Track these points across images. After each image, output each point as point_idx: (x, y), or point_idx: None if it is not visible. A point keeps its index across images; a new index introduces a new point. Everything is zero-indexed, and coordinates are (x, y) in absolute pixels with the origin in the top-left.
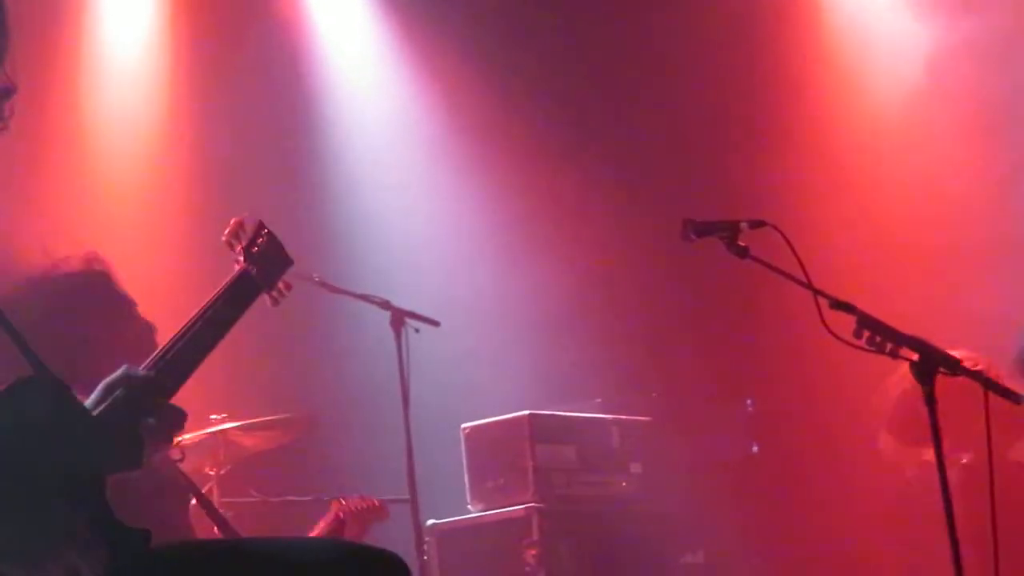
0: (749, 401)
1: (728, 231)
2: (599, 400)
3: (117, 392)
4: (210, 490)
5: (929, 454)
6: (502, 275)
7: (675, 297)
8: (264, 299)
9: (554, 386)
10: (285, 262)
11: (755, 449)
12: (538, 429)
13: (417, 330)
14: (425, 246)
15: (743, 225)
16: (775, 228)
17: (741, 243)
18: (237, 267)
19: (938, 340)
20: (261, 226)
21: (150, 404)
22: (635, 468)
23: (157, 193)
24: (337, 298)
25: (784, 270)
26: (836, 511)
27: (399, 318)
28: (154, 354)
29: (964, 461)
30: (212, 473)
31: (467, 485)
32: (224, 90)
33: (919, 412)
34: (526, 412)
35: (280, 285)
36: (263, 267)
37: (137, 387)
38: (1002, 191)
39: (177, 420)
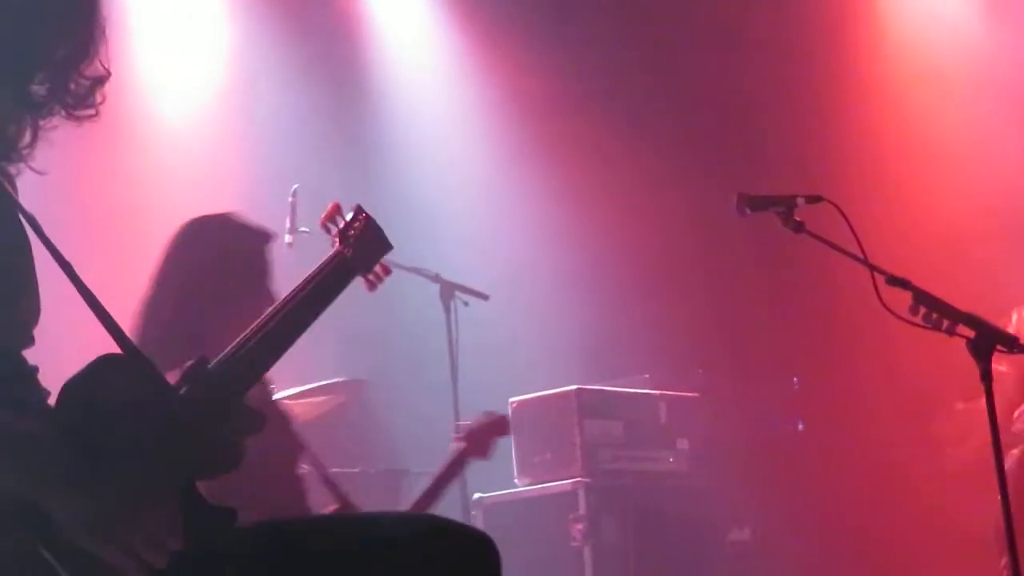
0: (795, 379)
1: (784, 206)
2: (647, 376)
3: (196, 385)
4: None
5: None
6: (552, 249)
7: (725, 273)
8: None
9: (602, 361)
10: (384, 246)
11: (801, 427)
12: (585, 404)
13: (467, 303)
14: (476, 219)
15: (799, 200)
16: (832, 203)
17: (797, 218)
18: (332, 249)
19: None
20: (359, 210)
21: (232, 400)
22: (682, 444)
23: (206, 172)
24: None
25: (840, 246)
26: (881, 491)
27: (449, 291)
28: (242, 336)
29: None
30: None
31: (514, 459)
32: (280, 64)
33: None
34: (574, 387)
35: (378, 269)
36: (359, 250)
37: (223, 386)
38: None
39: (255, 425)
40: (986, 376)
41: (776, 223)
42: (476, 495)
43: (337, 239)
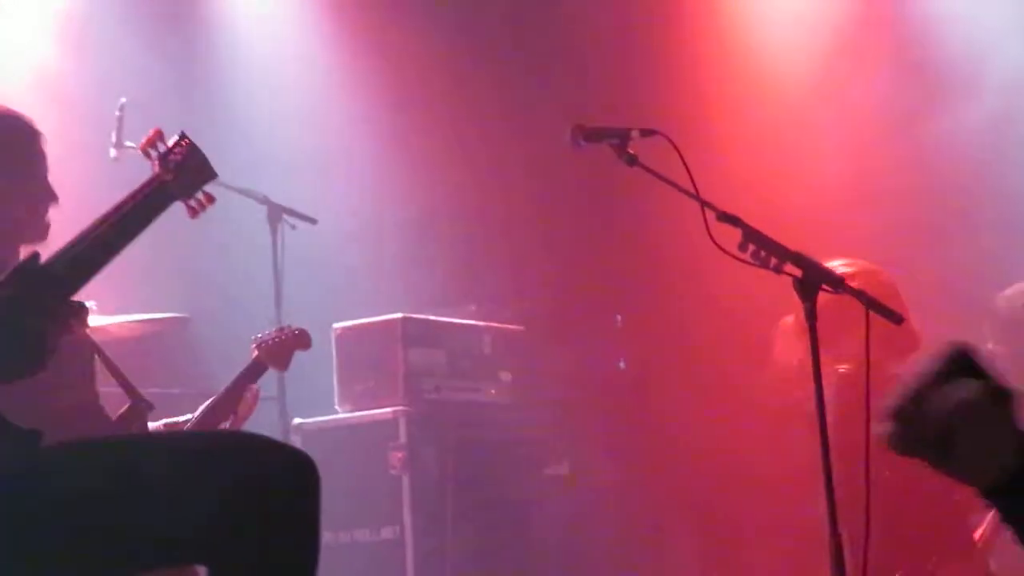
0: (619, 317)
1: (619, 138)
2: (473, 307)
3: (16, 282)
4: None
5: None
6: (381, 176)
7: (554, 208)
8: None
9: (429, 291)
10: (207, 173)
11: (622, 365)
12: (410, 333)
13: (294, 227)
14: (305, 144)
15: (634, 133)
16: (665, 137)
17: (631, 151)
18: (151, 174)
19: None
20: (182, 136)
21: (50, 302)
22: (505, 376)
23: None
24: (214, 190)
25: (673, 180)
26: (702, 431)
27: (276, 214)
28: (57, 250)
29: (842, 370)
30: None
31: (336, 386)
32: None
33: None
34: (399, 315)
35: (201, 196)
36: (179, 176)
37: (41, 282)
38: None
39: (78, 314)
40: (811, 315)
41: (608, 155)
42: (296, 420)
43: (157, 164)
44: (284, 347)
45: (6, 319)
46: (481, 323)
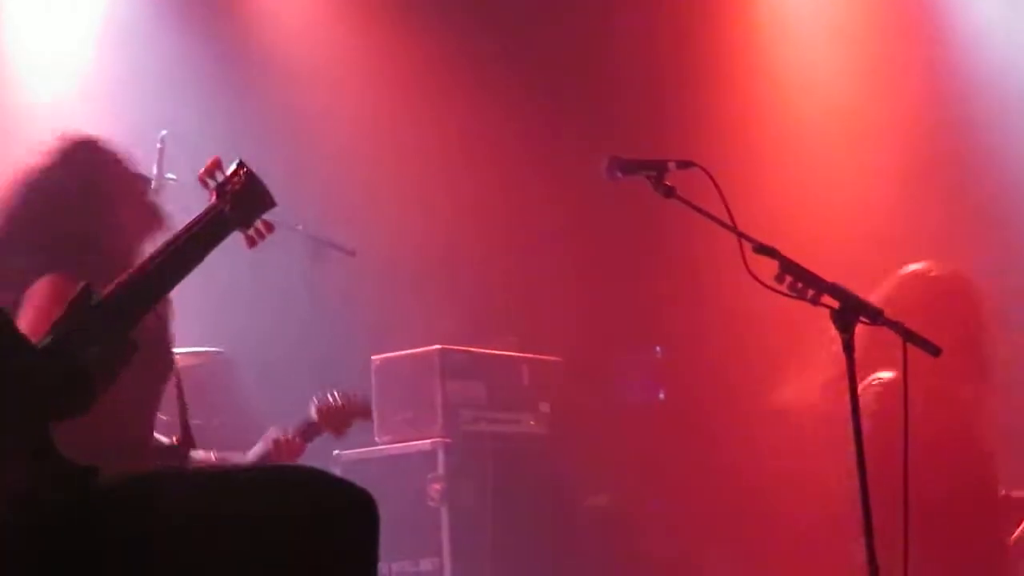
0: (658, 348)
1: (655, 170)
2: (512, 338)
3: (73, 316)
4: None
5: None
6: (420, 207)
7: (593, 239)
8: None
9: (467, 323)
10: (266, 202)
11: (662, 396)
12: (448, 364)
13: (332, 259)
14: (344, 176)
15: (670, 164)
16: (702, 169)
17: (667, 183)
18: (209, 203)
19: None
20: (241, 165)
21: (108, 338)
22: (544, 408)
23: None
24: None
25: (709, 212)
26: (740, 460)
27: (315, 246)
28: (115, 283)
29: (882, 380)
30: None
31: (375, 417)
32: (155, 8)
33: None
34: (437, 347)
35: (259, 225)
36: (237, 206)
37: (99, 317)
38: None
39: (126, 354)
40: (848, 347)
41: (646, 188)
42: (335, 452)
43: (215, 193)
44: (345, 414)
45: (61, 356)
46: (519, 354)
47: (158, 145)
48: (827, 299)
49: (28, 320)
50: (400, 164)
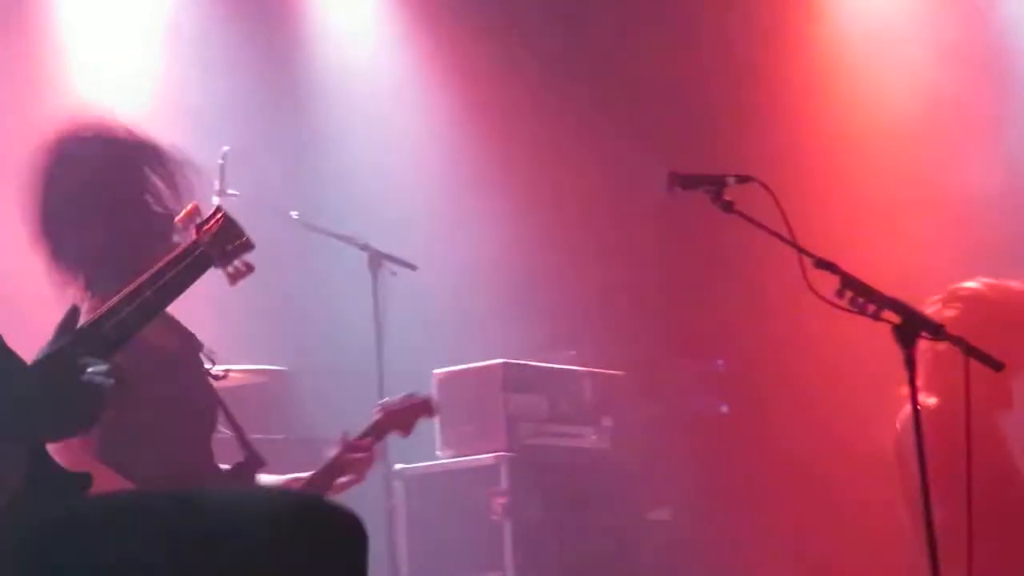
0: (720, 361)
1: (714, 185)
2: (573, 352)
3: (67, 340)
4: None
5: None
6: (481, 220)
7: (654, 253)
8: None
9: (529, 336)
10: (243, 242)
11: (725, 409)
12: (511, 378)
13: (394, 273)
14: (406, 189)
15: (730, 179)
16: (761, 184)
17: (727, 198)
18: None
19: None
20: (217, 210)
21: (100, 362)
22: (606, 422)
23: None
24: (315, 238)
25: (769, 227)
26: (803, 473)
27: (377, 260)
28: (101, 310)
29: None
30: None
31: (437, 431)
32: (215, 22)
33: None
34: (499, 361)
35: (238, 264)
36: (214, 244)
37: (91, 342)
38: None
39: (113, 380)
40: (910, 363)
41: (706, 200)
42: (398, 466)
43: (194, 232)
44: (410, 413)
45: (60, 377)
46: (582, 368)
47: (219, 161)
48: (888, 314)
49: None
50: (462, 176)
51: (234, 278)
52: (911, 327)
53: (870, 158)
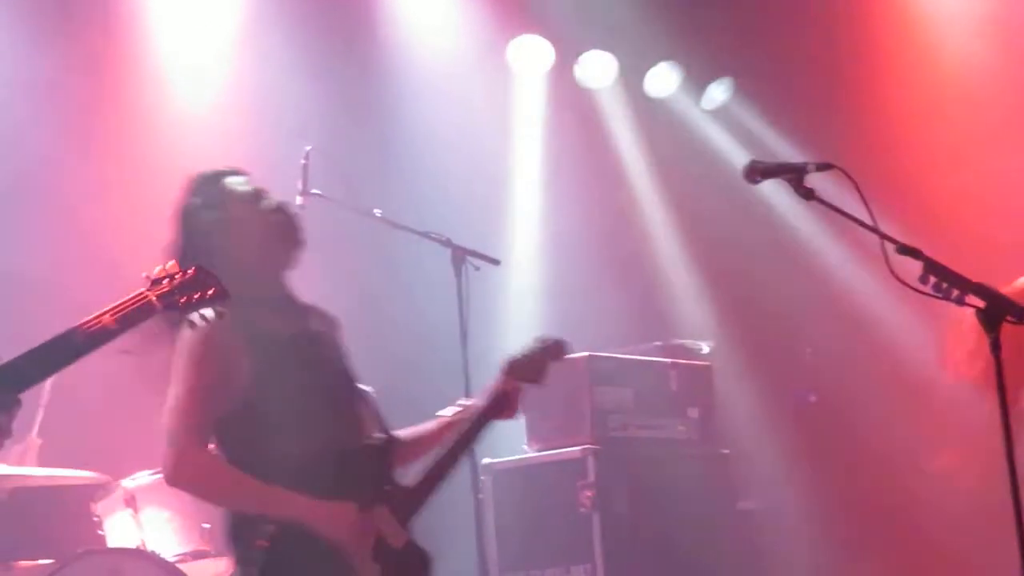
0: (808, 350)
1: (795, 173)
2: (658, 343)
3: None
4: None
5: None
6: (563, 214)
7: (737, 244)
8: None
9: (614, 328)
10: (216, 292)
11: (813, 398)
12: (596, 371)
13: (477, 268)
14: (487, 185)
15: (810, 167)
16: (842, 171)
17: (807, 185)
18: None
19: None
20: (200, 267)
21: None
22: (692, 413)
23: (218, 133)
24: (397, 235)
25: (851, 214)
26: (891, 462)
27: (460, 256)
28: (34, 347)
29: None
30: None
31: (524, 425)
32: (294, 23)
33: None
34: (585, 354)
35: (200, 311)
36: (175, 294)
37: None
38: None
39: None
40: (995, 347)
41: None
42: (485, 460)
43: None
44: (540, 358)
45: None
46: (667, 360)
47: (303, 160)
48: (972, 299)
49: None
50: (540, 170)
51: (192, 324)
52: (996, 311)
53: (958, 143)
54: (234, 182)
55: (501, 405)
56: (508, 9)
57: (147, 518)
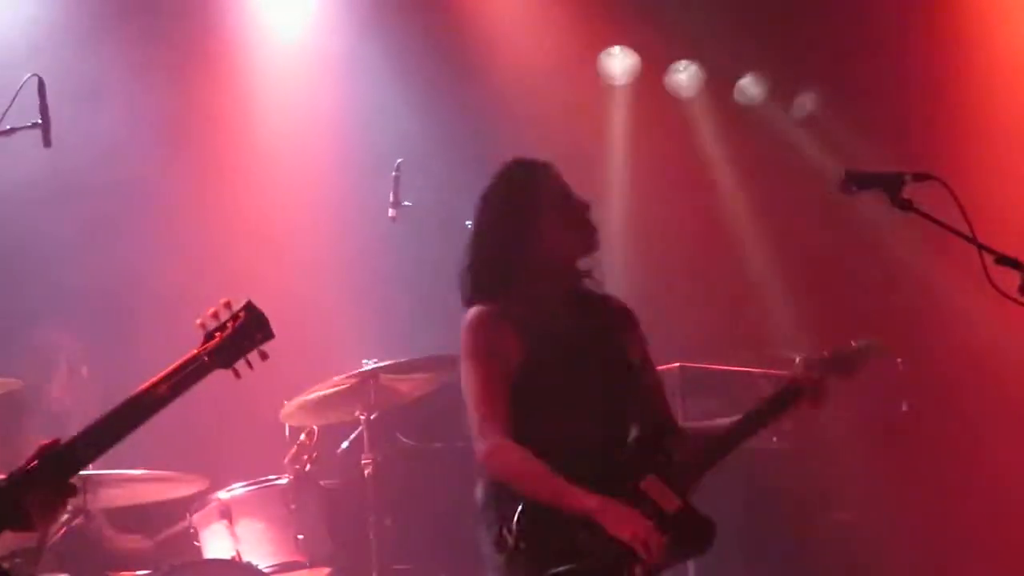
0: (900, 360)
1: (891, 183)
2: (749, 354)
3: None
4: (360, 435)
5: None
6: (649, 224)
7: (828, 252)
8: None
9: (705, 338)
10: (263, 336)
11: (905, 408)
12: (689, 381)
13: None
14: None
15: (907, 177)
16: (940, 181)
17: (904, 196)
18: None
19: None
20: (248, 306)
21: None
22: (785, 424)
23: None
24: None
25: (948, 224)
26: (988, 474)
27: None
28: (91, 424)
29: None
30: (362, 417)
31: None
32: (386, 37)
33: None
34: (676, 364)
35: (249, 358)
36: (228, 348)
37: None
38: None
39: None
40: None
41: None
42: None
43: (203, 338)
44: (859, 356)
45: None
46: (758, 370)
47: (394, 173)
48: None
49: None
50: (627, 177)
51: (238, 374)
52: None
53: None
54: (548, 174)
55: (810, 395)
56: (596, 21)
57: (242, 529)
